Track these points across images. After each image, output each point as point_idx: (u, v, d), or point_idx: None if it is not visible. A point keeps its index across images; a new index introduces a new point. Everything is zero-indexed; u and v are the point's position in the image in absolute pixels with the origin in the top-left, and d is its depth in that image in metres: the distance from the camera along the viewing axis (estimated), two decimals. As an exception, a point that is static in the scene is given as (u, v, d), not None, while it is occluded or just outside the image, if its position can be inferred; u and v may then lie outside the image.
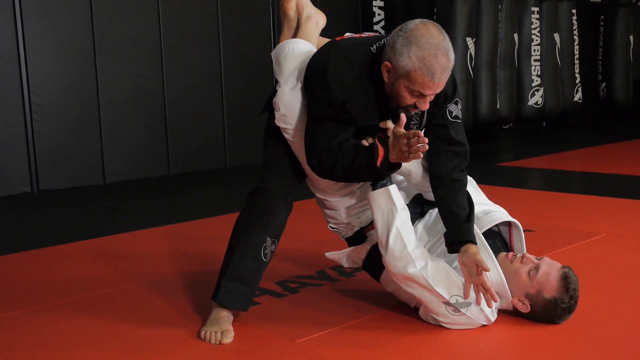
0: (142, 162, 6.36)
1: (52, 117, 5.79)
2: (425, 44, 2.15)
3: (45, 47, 5.73)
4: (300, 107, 2.42)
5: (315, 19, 2.68)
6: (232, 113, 6.94)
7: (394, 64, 2.20)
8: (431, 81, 2.17)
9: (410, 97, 2.23)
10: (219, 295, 2.49)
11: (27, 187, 5.71)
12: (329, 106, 2.27)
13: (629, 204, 4.61)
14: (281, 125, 2.47)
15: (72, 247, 3.87)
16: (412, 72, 2.17)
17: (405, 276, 2.34)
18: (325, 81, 2.27)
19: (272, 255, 2.56)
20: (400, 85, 2.22)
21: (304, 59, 2.48)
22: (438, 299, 2.33)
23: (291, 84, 2.46)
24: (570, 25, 8.99)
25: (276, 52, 2.58)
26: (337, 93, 2.25)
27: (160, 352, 2.33)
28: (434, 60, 2.15)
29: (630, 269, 3.12)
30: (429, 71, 2.16)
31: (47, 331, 2.56)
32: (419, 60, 2.15)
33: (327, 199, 2.60)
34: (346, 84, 2.26)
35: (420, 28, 2.18)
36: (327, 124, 2.31)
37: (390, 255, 2.35)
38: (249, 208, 2.54)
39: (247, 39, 6.99)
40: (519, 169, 6.52)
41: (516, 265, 2.39)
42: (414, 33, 2.17)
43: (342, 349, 2.31)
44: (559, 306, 2.36)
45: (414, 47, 2.15)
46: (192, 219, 4.52)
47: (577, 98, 9.21)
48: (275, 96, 2.49)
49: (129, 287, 3.07)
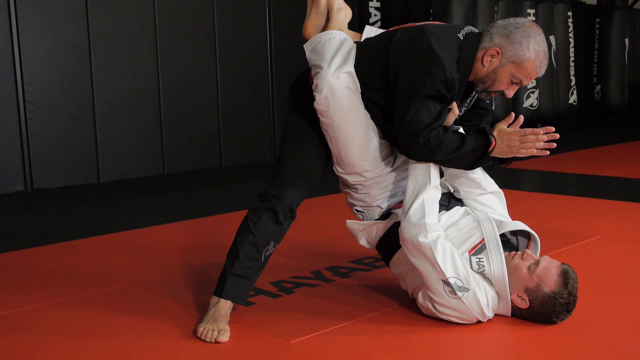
0: (137, 161, 6.35)
1: (47, 115, 5.77)
2: (540, 42, 2.41)
3: (40, 46, 5.71)
4: (345, 91, 2.47)
5: (345, 11, 2.73)
6: (228, 112, 6.94)
7: (506, 51, 2.39)
8: (537, 72, 2.43)
9: (508, 83, 2.45)
10: (225, 290, 2.53)
11: (21, 185, 5.70)
12: (443, 84, 2.37)
13: (623, 206, 4.62)
14: (321, 108, 2.48)
15: (66, 246, 3.86)
16: (526, 61, 2.39)
17: (415, 244, 2.38)
18: (439, 60, 2.36)
19: (269, 258, 2.63)
20: (506, 71, 2.42)
21: (343, 45, 2.54)
22: (438, 275, 2.35)
23: (335, 66, 2.48)
24: (565, 27, 9.02)
25: (312, 43, 2.61)
26: (452, 72, 2.37)
27: (154, 351, 2.32)
28: (544, 57, 2.42)
29: (625, 271, 3.13)
30: (540, 64, 2.42)
31: (41, 330, 2.55)
32: (535, 52, 2.39)
33: (362, 184, 2.65)
34: (453, 64, 2.39)
35: (534, 27, 2.44)
36: (435, 103, 2.41)
37: (408, 221, 2.42)
38: (257, 211, 2.59)
39: (242, 38, 6.99)
40: (514, 171, 6.53)
41: (517, 261, 2.43)
42: (531, 29, 2.41)
43: (337, 349, 2.30)
44: (558, 301, 2.37)
45: (532, 41, 2.39)
46: (186, 219, 4.51)
47: (572, 100, 9.24)
48: (318, 77, 2.49)
49: (124, 286, 3.06)
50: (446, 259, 2.35)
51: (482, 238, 2.45)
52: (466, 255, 2.42)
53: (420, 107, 2.39)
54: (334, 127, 2.50)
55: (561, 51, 8.95)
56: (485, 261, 2.40)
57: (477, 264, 2.41)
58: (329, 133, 2.53)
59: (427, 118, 2.39)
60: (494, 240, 2.44)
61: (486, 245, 2.43)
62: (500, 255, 2.41)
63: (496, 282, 2.40)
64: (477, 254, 2.42)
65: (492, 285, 2.41)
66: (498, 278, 2.39)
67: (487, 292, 2.39)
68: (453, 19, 7.33)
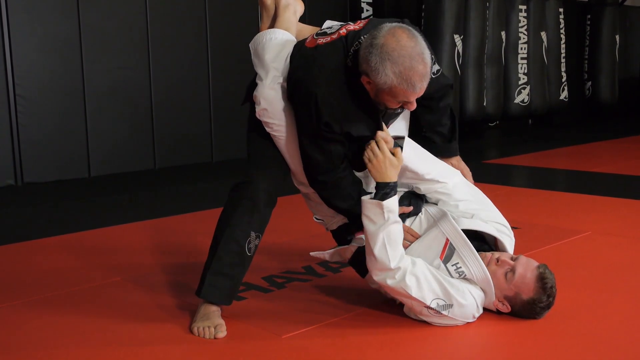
0: (128, 155, 6.32)
1: (37, 109, 5.74)
2: (398, 58, 2.14)
3: (30, 39, 5.68)
4: (283, 102, 2.42)
5: (293, 7, 2.66)
6: (219, 107, 6.91)
7: (372, 79, 2.20)
8: (413, 92, 2.20)
9: (396, 103, 2.27)
10: (203, 290, 2.47)
11: (12, 179, 5.67)
12: (322, 127, 2.29)
13: (613, 202, 4.64)
14: (263, 119, 2.46)
15: (57, 241, 3.84)
16: (392, 88, 2.19)
17: (386, 286, 2.37)
18: (316, 105, 2.27)
19: (255, 250, 2.53)
20: (384, 95, 2.24)
21: (283, 49, 2.47)
22: (419, 305, 2.35)
23: (271, 76, 2.44)
24: (557, 23, 9.04)
25: (254, 43, 2.56)
26: (328, 116, 2.27)
27: (147, 347, 2.31)
28: (412, 72, 2.15)
29: (614, 267, 3.14)
30: (408, 84, 2.17)
31: (29, 326, 2.54)
32: (396, 76, 2.15)
33: (310, 193, 2.59)
34: (335, 106, 2.28)
35: (390, 41, 2.15)
36: (322, 142, 2.34)
37: (373, 264, 2.36)
38: (232, 202, 2.52)
39: (234, 32, 6.97)
40: (505, 166, 6.55)
41: (492, 268, 2.39)
42: (385, 49, 2.15)
43: (328, 344, 2.30)
44: (538, 306, 2.39)
45: (388, 64, 2.15)
46: (177, 213, 4.50)
47: (563, 96, 9.26)
48: (256, 90, 2.47)
49: (114, 281, 3.05)
50: (421, 288, 2.31)
51: (446, 239, 2.39)
52: (438, 263, 2.38)
53: (309, 146, 2.37)
54: (276, 136, 2.47)
55: (552, 47, 8.97)
56: (462, 265, 2.36)
57: (456, 272, 2.37)
58: (276, 142, 2.50)
59: (320, 157, 2.37)
60: (459, 238, 2.37)
61: (454, 246, 2.37)
62: (474, 255, 2.36)
63: (480, 283, 2.38)
64: (449, 258, 2.37)
65: (476, 284, 2.40)
66: (481, 279, 2.37)
67: (473, 293, 2.36)
68: (445, 15, 7.31)
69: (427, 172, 2.53)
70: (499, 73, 8.10)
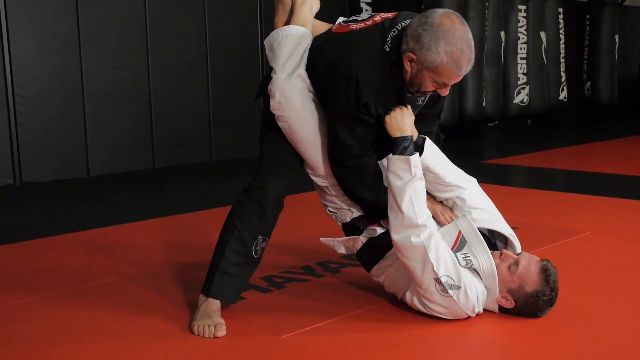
0: (127, 155, 6.31)
1: (36, 109, 5.73)
2: (452, 39, 2.23)
3: (29, 38, 5.67)
4: (298, 96, 2.43)
5: (310, 3, 2.68)
6: (218, 107, 6.91)
7: (419, 57, 2.26)
8: (457, 74, 2.29)
9: (433, 85, 2.33)
10: (212, 289, 2.50)
11: (10, 179, 5.66)
12: (361, 108, 2.32)
13: (613, 202, 4.64)
14: (276, 113, 2.47)
15: (56, 240, 3.84)
16: (440, 67, 2.26)
17: (407, 245, 2.34)
18: (357, 86, 2.30)
19: (262, 253, 2.58)
20: (425, 76, 2.30)
21: (299, 44, 2.49)
22: (430, 274, 2.33)
23: (287, 70, 2.45)
24: (556, 23, 9.03)
25: (270, 40, 2.57)
26: (368, 97, 2.31)
27: (147, 345, 2.31)
28: (461, 55, 2.25)
29: (613, 267, 3.14)
30: (456, 65, 2.26)
31: (31, 324, 2.54)
32: (447, 55, 2.23)
33: (328, 186, 2.60)
34: (375, 87, 2.32)
35: (446, 22, 2.25)
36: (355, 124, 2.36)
37: (400, 222, 2.35)
38: (242, 205, 2.54)
39: (234, 31, 6.96)
40: (504, 167, 6.55)
41: (496, 262, 2.42)
42: (441, 28, 2.23)
43: (327, 344, 2.30)
44: (541, 299, 2.40)
45: (442, 42, 2.23)
46: (176, 213, 4.50)
47: (562, 97, 9.26)
48: (271, 83, 2.47)
49: (113, 281, 3.05)
50: (439, 257, 2.32)
51: (459, 231, 2.44)
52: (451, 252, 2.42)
53: (343, 130, 2.38)
54: (291, 130, 2.48)
55: (552, 47, 8.96)
56: (471, 256, 2.40)
57: (464, 260, 2.40)
58: (289, 136, 2.50)
59: (352, 142, 2.39)
60: (472, 233, 2.42)
61: (466, 239, 2.42)
62: (484, 248, 2.41)
63: (485, 276, 2.41)
64: (460, 249, 2.41)
65: (481, 279, 2.42)
66: (487, 272, 2.40)
67: (477, 287, 2.40)
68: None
69: (447, 174, 2.56)
70: (498, 73, 8.09)
